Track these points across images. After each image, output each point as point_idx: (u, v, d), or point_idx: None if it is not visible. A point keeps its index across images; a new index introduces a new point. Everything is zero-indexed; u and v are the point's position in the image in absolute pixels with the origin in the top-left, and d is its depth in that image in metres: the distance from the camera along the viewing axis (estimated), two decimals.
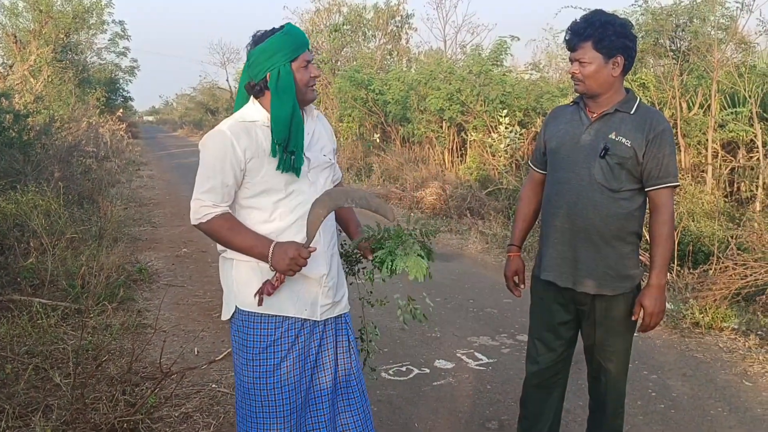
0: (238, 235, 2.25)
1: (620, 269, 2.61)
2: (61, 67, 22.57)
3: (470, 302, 5.87)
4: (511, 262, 2.96)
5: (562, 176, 2.66)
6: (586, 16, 2.57)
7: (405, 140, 14.34)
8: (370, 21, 20.79)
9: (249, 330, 2.32)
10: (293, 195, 2.30)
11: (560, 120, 2.75)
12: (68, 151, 11.12)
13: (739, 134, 7.54)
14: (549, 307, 2.78)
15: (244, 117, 2.30)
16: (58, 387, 3.71)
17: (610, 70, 2.53)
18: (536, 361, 2.85)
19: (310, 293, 2.36)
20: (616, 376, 2.74)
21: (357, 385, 2.48)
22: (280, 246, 2.20)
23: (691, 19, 8.63)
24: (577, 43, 2.55)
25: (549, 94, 11.26)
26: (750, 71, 7.80)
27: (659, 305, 2.55)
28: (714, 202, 7.04)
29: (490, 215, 9.22)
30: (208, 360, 4.40)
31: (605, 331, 2.67)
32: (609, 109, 2.58)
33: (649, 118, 2.55)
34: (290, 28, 2.28)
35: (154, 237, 8.75)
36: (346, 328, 2.51)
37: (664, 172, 2.52)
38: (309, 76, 2.29)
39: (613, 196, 2.55)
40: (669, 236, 2.55)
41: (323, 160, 2.41)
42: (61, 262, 5.83)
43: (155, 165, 19.97)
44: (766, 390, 4.03)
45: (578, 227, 2.61)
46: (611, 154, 2.53)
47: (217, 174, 2.23)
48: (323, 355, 2.42)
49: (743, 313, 5.12)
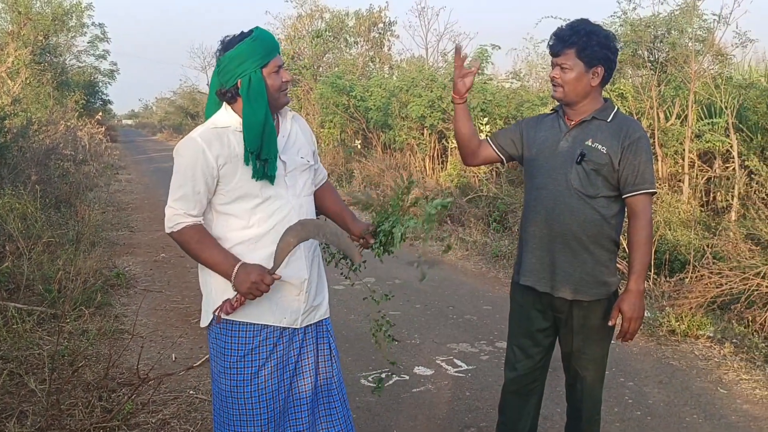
0: (207, 250, 2.23)
1: (597, 275, 2.63)
2: (39, 69, 22.32)
3: (450, 309, 5.89)
4: None
5: (540, 182, 2.69)
6: (572, 23, 2.61)
7: (386, 147, 14.35)
8: (352, 28, 20.83)
9: (227, 338, 2.30)
10: (270, 200, 2.29)
11: (541, 128, 2.78)
12: (46, 154, 10.99)
13: (716, 144, 7.63)
14: (527, 313, 2.79)
15: (216, 123, 2.29)
16: (33, 393, 3.67)
17: (589, 79, 2.58)
18: (514, 367, 2.86)
19: (290, 300, 2.34)
20: (592, 384, 2.76)
21: (338, 393, 2.47)
22: (244, 268, 2.18)
23: (669, 31, 8.74)
24: (561, 49, 2.59)
25: (529, 102, 11.34)
26: (726, 83, 7.91)
27: (638, 311, 2.57)
28: (690, 212, 7.12)
29: (471, 222, 9.26)
30: (186, 366, 4.37)
31: (583, 339, 2.69)
32: (586, 116, 2.62)
33: (625, 126, 2.58)
34: (259, 33, 2.25)
35: (132, 242, 8.68)
36: (327, 335, 2.50)
37: (640, 179, 2.54)
38: (281, 81, 2.27)
39: (590, 202, 2.58)
40: (647, 242, 2.58)
41: (300, 163, 2.39)
42: (37, 266, 5.76)
43: (134, 169, 19.82)
44: (740, 397, 4.08)
45: (556, 232, 2.63)
46: (587, 160, 2.56)
47: (188, 181, 2.22)
48: (303, 363, 2.41)
49: (718, 322, 5.19)
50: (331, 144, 16.41)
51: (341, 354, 4.65)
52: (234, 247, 2.27)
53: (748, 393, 4.14)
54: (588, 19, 2.63)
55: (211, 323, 2.34)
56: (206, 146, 2.21)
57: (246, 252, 2.27)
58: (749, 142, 7.63)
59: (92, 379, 3.93)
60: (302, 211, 2.35)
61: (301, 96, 18.56)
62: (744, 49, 8.55)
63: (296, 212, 2.32)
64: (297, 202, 2.34)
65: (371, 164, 13.68)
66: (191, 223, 2.24)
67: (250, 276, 2.16)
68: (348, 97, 15.08)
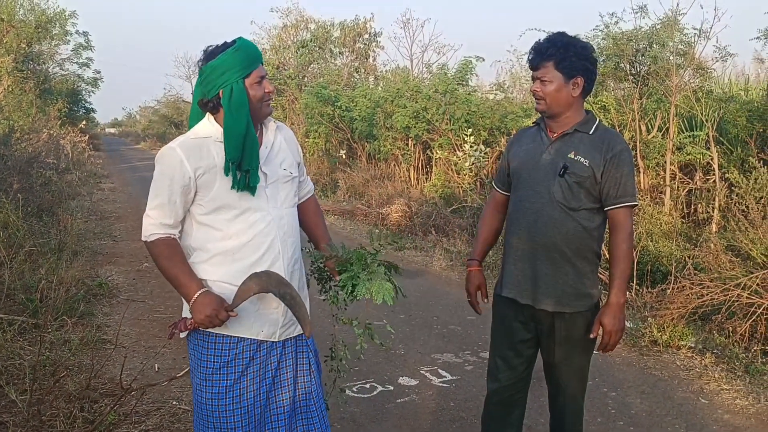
0: (174, 267, 2.23)
1: (579, 287, 2.64)
2: (22, 77, 22.20)
3: (434, 319, 5.90)
4: (472, 276, 2.95)
5: (522, 195, 2.71)
6: (550, 36, 2.64)
7: (371, 157, 14.40)
8: (337, 38, 20.90)
9: (204, 349, 2.29)
10: (250, 211, 2.28)
11: (523, 141, 2.80)
12: (28, 162, 10.90)
13: (696, 157, 7.73)
14: (510, 325, 2.79)
15: (197, 133, 2.29)
16: (13, 404, 3.62)
17: (570, 90, 2.59)
18: (497, 378, 2.86)
19: (268, 313, 2.33)
20: (574, 395, 2.76)
21: (316, 409, 2.44)
22: (204, 297, 2.19)
23: (651, 45, 8.85)
24: (540, 63, 2.61)
25: (513, 114, 11.44)
26: (707, 96, 8.03)
27: (618, 323, 2.57)
28: (672, 223, 7.20)
29: (455, 233, 9.29)
30: (169, 377, 4.34)
31: (565, 350, 2.69)
32: (568, 129, 2.63)
33: (607, 139, 2.59)
34: (242, 44, 2.26)
35: (114, 251, 8.62)
36: (306, 349, 2.48)
37: (622, 192, 2.56)
38: (263, 91, 2.27)
39: (572, 215, 2.59)
40: (627, 255, 2.58)
41: (282, 174, 2.38)
42: (18, 275, 5.70)
43: (117, 178, 19.69)
44: (721, 407, 4.12)
45: (538, 244, 2.64)
46: (570, 172, 2.57)
47: (165, 191, 2.22)
48: (282, 376, 2.39)
49: (700, 332, 5.24)
50: (316, 154, 16.42)
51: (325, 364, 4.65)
52: (213, 257, 2.27)
53: (729, 403, 4.18)
54: (565, 32, 2.66)
55: (189, 334, 2.33)
56: (185, 156, 2.21)
57: (224, 263, 2.27)
58: (729, 154, 7.74)
59: (74, 389, 3.89)
60: (282, 223, 2.34)
61: (286, 106, 18.58)
62: (724, 63, 8.70)
63: (276, 224, 2.31)
64: (277, 213, 2.33)
65: (356, 174, 13.71)
66: (164, 236, 2.24)
67: (207, 308, 2.17)
68: (333, 107, 15.11)
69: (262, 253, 2.29)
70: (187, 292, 2.22)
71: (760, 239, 5.36)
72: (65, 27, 26.74)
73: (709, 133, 7.48)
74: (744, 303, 4.96)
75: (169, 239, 2.24)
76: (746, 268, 5.28)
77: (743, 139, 7.72)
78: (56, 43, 27.30)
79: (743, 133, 7.68)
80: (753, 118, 7.63)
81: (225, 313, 2.18)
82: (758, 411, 4.06)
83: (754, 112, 7.67)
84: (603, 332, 2.59)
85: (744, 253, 5.55)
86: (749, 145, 7.60)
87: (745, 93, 9.53)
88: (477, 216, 9.55)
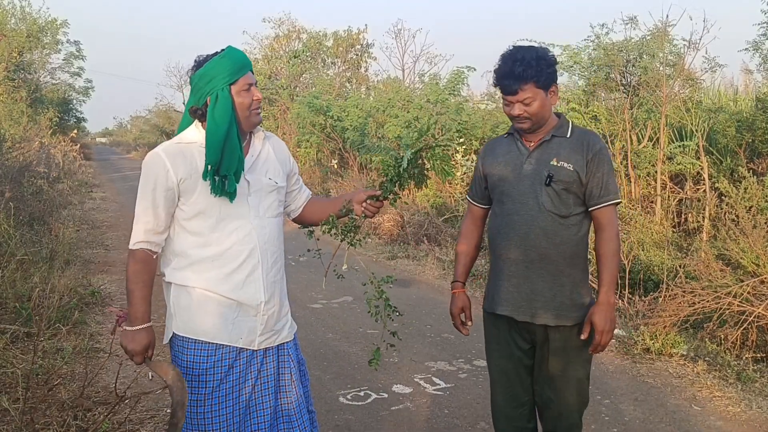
0: (136, 285, 2.27)
1: (576, 298, 2.60)
2: (13, 86, 22.14)
3: (427, 327, 5.91)
4: (456, 298, 2.87)
5: (510, 208, 2.64)
6: (515, 57, 2.53)
7: (362, 166, 14.42)
8: (329, 48, 20.97)
9: (184, 356, 2.30)
10: (229, 219, 2.28)
11: (497, 153, 2.74)
12: (19, 171, 10.86)
13: (687, 167, 7.80)
14: (505, 337, 2.72)
15: (182, 139, 2.31)
16: (6, 412, 3.60)
17: (549, 101, 2.58)
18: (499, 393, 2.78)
19: (246, 321, 2.32)
20: (569, 410, 2.67)
21: (297, 419, 2.42)
22: (138, 333, 2.26)
23: (641, 55, 8.95)
24: (519, 86, 2.52)
25: (504, 123, 11.48)
26: (696, 106, 8.11)
27: (609, 323, 2.52)
28: (663, 232, 7.24)
29: (447, 242, 9.32)
30: (163, 385, 4.32)
31: (560, 361, 2.62)
32: (546, 136, 2.60)
33: (585, 140, 2.59)
34: (229, 51, 2.27)
35: (107, 260, 8.59)
36: (288, 360, 2.44)
37: (605, 191, 2.55)
38: (251, 99, 2.27)
39: (564, 222, 2.56)
40: (615, 253, 2.57)
41: (266, 183, 2.37)
42: (10, 284, 5.68)
43: (108, 187, 19.62)
44: (714, 414, 4.14)
45: (532, 258, 2.58)
46: (556, 180, 2.54)
47: (149, 194, 2.25)
48: (263, 384, 2.37)
49: (691, 340, 5.27)
50: (308, 164, 16.44)
51: (320, 372, 4.67)
52: (193, 264, 2.28)
53: (722, 410, 4.21)
54: (522, 46, 2.61)
55: (171, 340, 2.35)
56: (168, 161, 2.23)
57: (204, 270, 2.27)
58: (719, 164, 7.82)
59: (67, 397, 3.87)
60: (264, 232, 2.33)
61: (278, 115, 18.61)
62: (713, 73, 8.81)
63: (257, 233, 2.31)
64: (259, 222, 2.32)
65: (348, 184, 13.72)
66: (146, 249, 2.27)
67: (131, 344, 2.26)
68: (325, 117, 15.15)
69: (241, 261, 2.28)
70: (134, 315, 2.27)
71: (751, 248, 5.40)
72: (56, 36, 26.76)
73: (699, 143, 7.55)
74: (735, 311, 5.00)
75: (147, 255, 2.27)
76: (737, 277, 5.33)
77: (732, 149, 7.80)
78: (47, 52, 27.30)
79: (732, 144, 7.76)
80: (742, 128, 7.73)
81: (141, 359, 2.28)
82: (750, 417, 4.09)
83: (743, 122, 7.77)
84: (594, 332, 2.53)
85: (734, 262, 5.59)
86: (738, 155, 7.68)
87: (734, 103, 9.63)
88: None
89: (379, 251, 9.67)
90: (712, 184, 7.39)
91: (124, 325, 2.30)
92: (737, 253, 5.50)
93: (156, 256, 2.31)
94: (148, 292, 2.28)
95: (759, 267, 5.28)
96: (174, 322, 2.33)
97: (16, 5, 24.98)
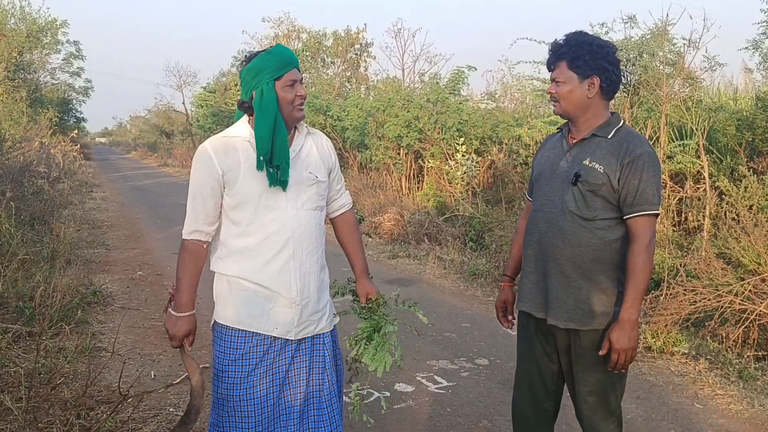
0: (183, 273, 2.39)
1: (594, 305, 2.46)
2: (12, 86, 22.15)
3: (429, 326, 5.91)
4: (500, 292, 2.86)
5: (538, 204, 2.61)
6: (567, 35, 2.52)
7: (363, 166, 14.42)
8: (329, 48, 20.97)
9: (221, 341, 2.39)
10: (267, 210, 2.34)
11: (546, 148, 2.71)
12: (20, 171, 10.86)
13: (687, 166, 7.79)
14: (530, 338, 2.67)
15: (228, 133, 2.40)
16: (9, 411, 3.60)
17: (585, 91, 2.47)
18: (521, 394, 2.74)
19: (281, 312, 2.38)
20: (591, 416, 2.55)
21: (327, 408, 2.46)
22: (180, 320, 2.37)
23: (641, 54, 8.95)
24: (554, 62, 2.51)
25: (504, 123, 11.50)
26: (696, 105, 8.10)
27: (627, 341, 2.36)
28: (663, 231, 7.25)
29: (447, 241, 9.32)
30: (166, 384, 4.33)
31: (581, 366, 2.52)
32: (586, 134, 2.51)
33: (626, 142, 2.43)
34: (276, 48, 2.36)
35: (108, 259, 8.60)
36: (323, 349, 2.49)
37: (639, 199, 2.38)
38: (294, 95, 2.33)
39: (587, 225, 2.44)
40: (643, 268, 2.38)
41: (306, 177, 2.42)
42: (12, 283, 5.68)
43: (108, 187, 19.62)
44: (716, 412, 4.15)
45: (548, 256, 2.53)
46: (582, 180, 2.44)
47: (198, 187, 2.35)
48: (294, 374, 2.43)
49: (693, 338, 5.28)
50: None
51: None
52: (233, 253, 2.37)
53: (724, 408, 4.21)
54: (583, 31, 2.53)
55: (212, 325, 2.46)
56: (213, 154, 2.33)
57: (242, 260, 2.36)
58: (719, 163, 7.82)
59: (70, 396, 3.88)
60: (301, 224, 2.38)
61: None
62: (713, 72, 8.81)
63: (293, 224, 2.36)
64: (296, 214, 2.37)
65: (348, 183, 13.71)
66: (196, 240, 2.37)
67: (172, 328, 2.38)
68: (325, 116, 15.15)
69: (276, 251, 2.35)
70: (180, 302, 2.38)
71: (752, 246, 5.41)
72: (56, 36, 26.78)
73: (699, 142, 7.55)
74: (736, 309, 5.01)
75: (197, 246, 2.38)
76: (738, 275, 5.33)
77: (733, 148, 7.80)
78: (47, 53, 27.32)
79: (733, 142, 7.76)
80: (742, 127, 7.72)
81: (178, 344, 2.39)
82: (752, 416, 4.10)
83: (743, 121, 7.76)
84: (611, 350, 2.39)
85: (735, 261, 5.60)
86: (739, 154, 7.68)
87: (734, 102, 9.63)
88: (469, 225, 9.60)
89: (380, 250, 9.68)
90: (712, 182, 7.39)
91: (171, 308, 2.39)
92: (738, 251, 5.50)
93: (206, 246, 2.41)
94: (195, 281, 2.40)
95: (760, 265, 5.28)
96: (216, 309, 2.44)
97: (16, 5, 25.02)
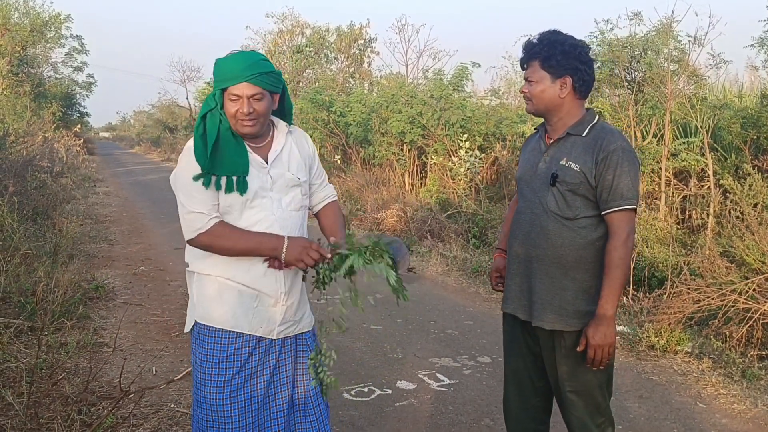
0: (245, 234, 2.28)
1: (579, 304, 2.47)
2: (16, 80, 22.17)
3: (431, 323, 5.90)
4: (494, 262, 2.90)
5: (521, 206, 2.63)
6: (539, 34, 2.52)
7: (366, 162, 14.40)
8: (332, 43, 20.94)
9: (204, 343, 2.35)
10: (254, 210, 2.32)
11: (527, 148, 2.73)
12: (23, 165, 10.87)
13: (691, 163, 7.77)
14: (516, 336, 2.68)
15: None
16: (10, 406, 3.60)
17: (557, 91, 2.47)
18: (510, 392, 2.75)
19: (266, 311, 2.36)
20: (581, 418, 2.53)
21: (314, 408, 2.46)
22: (291, 241, 2.27)
23: (646, 51, 8.91)
24: (527, 61, 2.52)
25: (508, 119, 11.48)
26: (701, 103, 8.07)
27: (603, 338, 2.35)
28: (667, 229, 7.23)
29: (450, 238, 9.30)
30: (167, 380, 4.33)
31: (569, 366, 2.51)
32: (562, 133, 2.51)
33: (600, 139, 2.43)
34: (225, 60, 2.30)
35: (110, 254, 8.59)
36: (307, 350, 2.49)
37: (614, 195, 2.38)
38: (235, 110, 2.26)
39: (570, 225, 2.45)
40: (619, 264, 2.37)
41: (289, 178, 2.40)
42: (14, 278, 5.68)
43: (111, 182, 19.62)
44: (719, 411, 4.13)
45: (532, 257, 2.53)
46: (560, 181, 2.44)
47: (191, 186, 2.28)
48: (281, 373, 2.42)
49: (696, 337, 5.26)
50: None
51: None
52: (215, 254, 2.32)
53: (727, 407, 4.19)
54: (557, 30, 2.52)
55: (192, 329, 2.40)
56: None
57: (226, 261, 2.31)
58: (724, 161, 7.79)
59: (71, 392, 3.88)
60: (286, 224, 2.36)
61: None
62: (718, 70, 8.76)
63: (279, 225, 2.34)
64: (281, 215, 2.36)
65: (351, 179, 13.71)
66: (217, 219, 2.28)
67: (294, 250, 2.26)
68: (328, 112, 15.12)
69: None
70: (272, 246, 2.27)
71: (756, 245, 5.38)
72: (60, 30, 26.78)
73: (703, 140, 7.53)
74: (740, 308, 4.98)
75: (218, 223, 2.27)
76: (742, 274, 5.31)
77: (737, 145, 7.78)
78: (51, 47, 27.32)
79: (737, 140, 7.73)
80: (747, 125, 7.70)
81: (315, 252, 2.26)
82: (756, 415, 4.08)
83: (748, 119, 7.74)
84: (587, 346, 2.39)
85: (739, 259, 5.57)
86: (743, 151, 7.66)
87: (740, 100, 9.60)
88: (472, 221, 9.59)
89: None
90: (716, 180, 7.36)
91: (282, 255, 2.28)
92: (742, 250, 5.48)
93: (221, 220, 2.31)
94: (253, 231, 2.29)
95: (764, 264, 5.26)
96: (196, 310, 2.38)
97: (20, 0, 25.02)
